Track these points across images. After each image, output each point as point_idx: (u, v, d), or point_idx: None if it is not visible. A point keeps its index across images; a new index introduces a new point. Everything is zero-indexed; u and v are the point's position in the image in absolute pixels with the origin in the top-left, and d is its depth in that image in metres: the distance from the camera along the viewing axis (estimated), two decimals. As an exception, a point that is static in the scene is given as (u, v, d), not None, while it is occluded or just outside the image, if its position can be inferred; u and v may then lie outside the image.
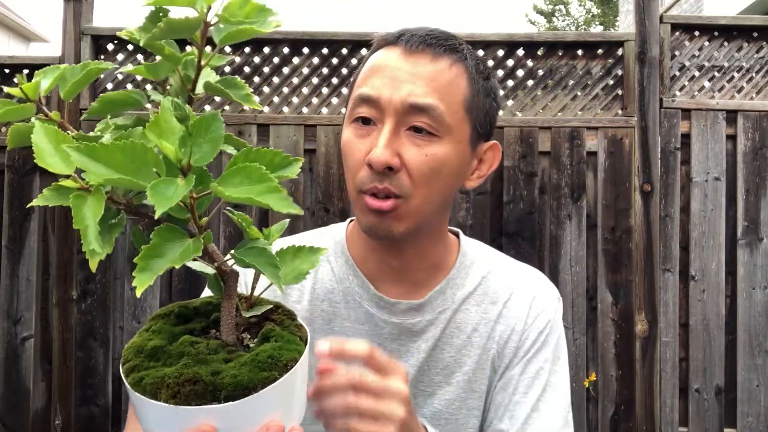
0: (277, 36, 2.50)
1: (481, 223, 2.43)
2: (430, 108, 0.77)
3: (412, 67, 0.78)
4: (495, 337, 0.87)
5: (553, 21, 20.94)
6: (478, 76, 0.82)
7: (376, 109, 0.78)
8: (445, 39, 0.81)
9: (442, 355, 0.86)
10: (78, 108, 2.46)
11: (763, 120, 2.47)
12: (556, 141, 2.45)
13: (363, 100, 0.79)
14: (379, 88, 0.78)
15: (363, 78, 0.82)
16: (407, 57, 0.79)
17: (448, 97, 0.78)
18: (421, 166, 0.77)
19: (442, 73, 0.78)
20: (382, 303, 0.86)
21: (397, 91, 0.77)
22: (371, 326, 0.86)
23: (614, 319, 2.42)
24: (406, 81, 0.77)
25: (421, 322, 0.86)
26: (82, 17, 2.48)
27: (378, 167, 0.75)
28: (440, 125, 0.77)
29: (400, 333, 0.86)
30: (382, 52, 0.82)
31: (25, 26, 15.53)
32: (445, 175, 0.80)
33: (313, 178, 2.46)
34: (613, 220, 2.44)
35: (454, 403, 0.86)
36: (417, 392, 0.86)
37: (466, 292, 0.88)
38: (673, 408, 2.41)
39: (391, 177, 0.76)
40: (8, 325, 2.47)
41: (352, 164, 0.80)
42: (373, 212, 0.78)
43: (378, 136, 0.77)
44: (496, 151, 0.87)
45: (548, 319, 0.89)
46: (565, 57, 2.51)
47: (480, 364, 0.87)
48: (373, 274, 0.87)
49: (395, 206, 0.77)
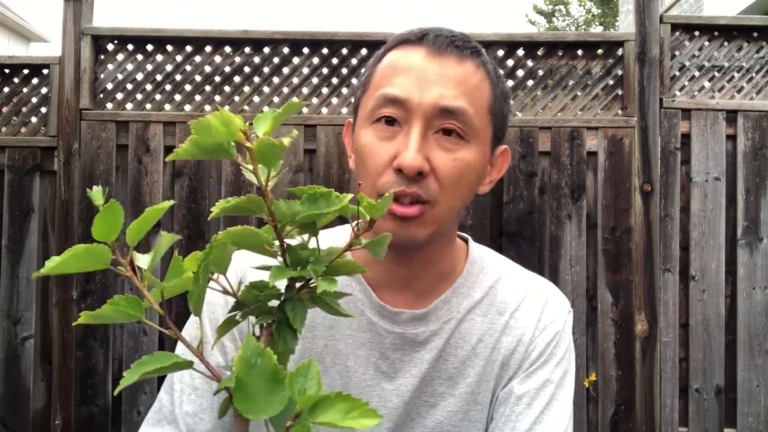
0: (277, 36, 2.50)
1: (481, 223, 2.43)
2: (460, 111, 0.75)
3: (440, 69, 0.75)
4: (501, 348, 0.85)
5: (553, 21, 20.94)
6: (497, 80, 0.81)
7: (403, 110, 0.75)
8: (467, 40, 0.79)
9: (445, 366, 0.84)
10: (78, 108, 2.46)
11: (763, 120, 2.47)
12: (556, 141, 2.45)
13: (389, 101, 0.75)
14: (408, 88, 0.75)
15: (385, 77, 0.78)
16: (434, 58, 0.76)
17: (477, 101, 0.77)
18: (451, 171, 0.75)
19: (469, 75, 0.77)
20: (385, 312, 0.83)
21: (427, 92, 0.74)
22: (373, 335, 0.83)
23: (614, 319, 2.42)
24: (436, 83, 0.75)
25: (424, 332, 0.83)
26: (82, 17, 2.47)
27: (410, 173, 0.72)
28: (469, 129, 0.76)
29: (403, 343, 0.83)
30: (403, 51, 0.79)
31: (25, 26, 15.52)
32: (470, 180, 0.78)
33: (313, 178, 2.46)
34: (613, 220, 2.44)
35: (456, 414, 0.84)
36: (420, 403, 0.84)
37: (473, 302, 0.86)
38: (673, 408, 2.41)
39: (420, 182, 0.73)
40: (8, 325, 2.47)
41: (373, 167, 0.76)
42: (397, 218, 0.74)
43: (406, 139, 0.74)
44: (506, 155, 0.86)
45: (557, 330, 0.86)
46: (565, 57, 2.51)
47: (484, 375, 0.84)
48: (377, 281, 0.84)
49: (421, 212, 0.74)
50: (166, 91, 2.53)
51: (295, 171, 2.44)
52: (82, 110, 2.47)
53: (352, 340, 0.83)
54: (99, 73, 2.52)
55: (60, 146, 2.46)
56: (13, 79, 2.55)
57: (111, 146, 2.47)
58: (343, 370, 0.83)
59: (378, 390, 0.84)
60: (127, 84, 2.52)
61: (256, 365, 0.41)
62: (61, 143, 2.46)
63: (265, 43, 2.51)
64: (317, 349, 0.83)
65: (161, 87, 2.52)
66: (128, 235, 0.47)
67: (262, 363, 0.41)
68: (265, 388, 0.40)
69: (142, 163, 2.46)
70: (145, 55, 2.53)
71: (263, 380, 0.41)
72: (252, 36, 2.50)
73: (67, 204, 2.44)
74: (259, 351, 0.41)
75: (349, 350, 0.83)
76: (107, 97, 2.52)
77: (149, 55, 2.53)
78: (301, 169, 2.45)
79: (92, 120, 2.47)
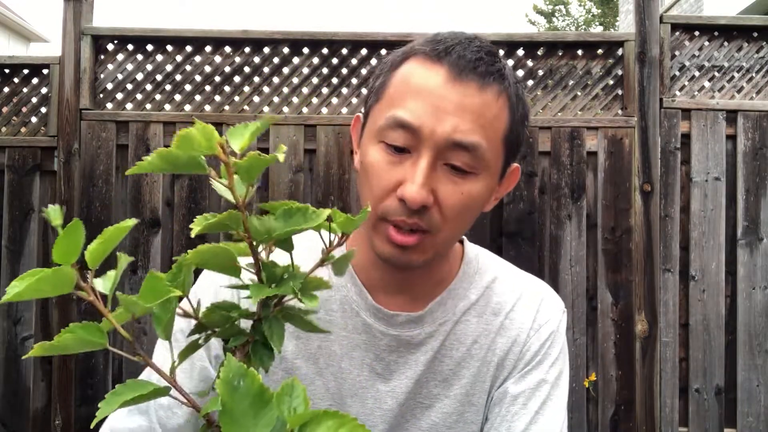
0: (277, 36, 2.50)
1: (481, 223, 2.43)
2: (473, 146, 0.72)
3: (459, 98, 0.71)
4: (496, 349, 0.85)
5: (553, 21, 20.95)
6: (517, 103, 0.77)
7: (413, 137, 0.72)
8: (492, 62, 0.74)
9: (440, 368, 0.84)
10: (78, 107, 2.46)
11: (763, 120, 2.47)
12: (556, 141, 2.45)
13: (400, 125, 0.72)
14: (421, 116, 0.71)
15: (398, 95, 0.74)
16: (454, 84, 0.72)
17: (491, 134, 0.74)
18: (456, 204, 0.73)
19: (489, 107, 0.73)
20: (380, 314, 0.82)
21: (441, 123, 0.71)
22: (368, 337, 0.83)
23: (614, 319, 2.42)
24: (452, 113, 0.71)
25: (420, 334, 0.83)
26: (82, 17, 2.47)
27: (414, 206, 0.71)
28: (479, 163, 0.73)
29: (398, 345, 0.83)
30: (421, 67, 0.74)
31: (25, 26, 15.52)
32: (474, 210, 0.77)
33: (313, 178, 2.46)
34: (613, 220, 2.44)
35: (452, 415, 0.84)
36: (415, 404, 0.84)
37: (469, 303, 0.86)
38: (673, 408, 2.41)
39: (422, 213, 0.72)
40: (8, 325, 2.47)
41: (377, 190, 0.74)
42: (395, 245, 0.74)
43: (413, 170, 0.71)
44: (516, 173, 0.85)
45: (552, 330, 0.86)
46: (565, 57, 2.51)
47: (479, 376, 0.84)
48: (373, 283, 0.84)
49: (420, 241, 0.74)
50: (166, 91, 2.53)
51: (295, 171, 2.44)
52: (82, 110, 2.47)
53: (347, 342, 0.83)
54: (99, 73, 2.52)
55: (60, 146, 2.46)
56: (13, 79, 2.55)
57: (111, 146, 2.47)
58: (338, 372, 0.83)
59: (372, 391, 0.83)
60: (127, 84, 2.52)
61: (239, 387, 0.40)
62: (61, 143, 2.46)
63: (265, 43, 2.51)
64: (311, 350, 0.83)
65: (161, 87, 2.52)
66: (89, 257, 0.44)
67: (246, 384, 0.40)
68: (251, 410, 0.39)
69: (142, 163, 2.46)
70: (145, 55, 2.53)
71: (248, 401, 0.39)
72: (252, 36, 2.51)
73: (67, 204, 2.44)
74: (242, 372, 0.40)
75: (344, 352, 0.83)
76: (107, 97, 2.52)
77: (149, 55, 2.53)
78: (301, 169, 2.45)
79: (92, 120, 2.47)
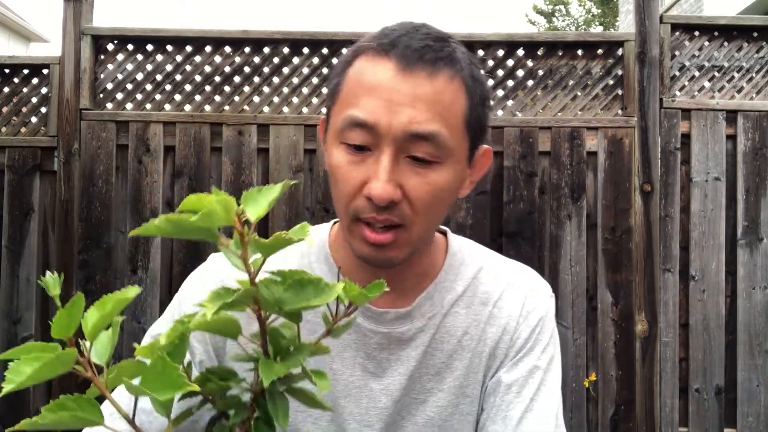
0: (277, 36, 2.50)
1: (481, 223, 2.43)
2: (433, 135, 0.71)
3: (411, 88, 0.71)
4: (486, 339, 0.85)
5: (553, 21, 20.94)
6: (473, 84, 0.76)
7: (372, 135, 0.71)
8: (440, 47, 0.73)
9: (432, 361, 0.84)
10: (78, 107, 2.46)
11: (763, 120, 2.47)
12: (556, 141, 2.45)
13: (357, 124, 0.72)
14: (375, 112, 0.71)
15: (352, 95, 0.73)
16: (403, 75, 0.71)
17: (450, 120, 0.73)
18: (424, 195, 0.73)
19: (442, 92, 0.72)
20: (369, 313, 0.82)
21: (396, 117, 0.70)
22: (358, 336, 0.83)
23: (614, 319, 2.42)
24: (406, 105, 0.71)
25: (410, 330, 0.83)
26: (82, 17, 2.48)
27: (380, 203, 0.71)
28: (441, 151, 0.73)
29: (389, 342, 0.83)
30: (370, 63, 0.74)
31: (25, 26, 15.52)
32: (445, 199, 0.77)
33: (313, 177, 2.46)
34: (613, 220, 2.44)
35: (447, 409, 0.84)
36: (409, 400, 0.84)
37: (456, 295, 0.85)
38: (673, 408, 2.41)
39: (392, 208, 0.72)
40: (8, 325, 2.47)
41: (345, 191, 0.74)
42: (371, 244, 0.74)
43: (376, 166, 0.71)
44: (488, 155, 0.84)
45: (540, 316, 0.86)
46: (565, 57, 2.51)
47: (472, 367, 0.84)
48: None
49: (395, 238, 0.74)
50: (166, 91, 2.53)
51: (295, 171, 2.44)
52: (82, 110, 2.47)
53: (337, 343, 0.82)
54: (99, 73, 2.52)
55: (60, 146, 2.46)
56: (13, 79, 2.55)
57: (111, 146, 2.47)
58: (329, 373, 0.82)
59: (366, 391, 0.83)
60: (127, 84, 2.52)
61: None
62: (61, 143, 2.46)
63: (265, 43, 2.51)
64: None
65: (161, 87, 2.52)
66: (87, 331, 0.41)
67: None
68: None
69: (142, 163, 2.46)
70: (145, 55, 2.53)
71: None
72: (252, 36, 2.51)
73: (67, 204, 2.44)
74: None
75: (335, 352, 0.82)
76: (107, 97, 2.52)
77: (149, 55, 2.53)
78: (301, 169, 2.45)
79: (92, 120, 2.47)
